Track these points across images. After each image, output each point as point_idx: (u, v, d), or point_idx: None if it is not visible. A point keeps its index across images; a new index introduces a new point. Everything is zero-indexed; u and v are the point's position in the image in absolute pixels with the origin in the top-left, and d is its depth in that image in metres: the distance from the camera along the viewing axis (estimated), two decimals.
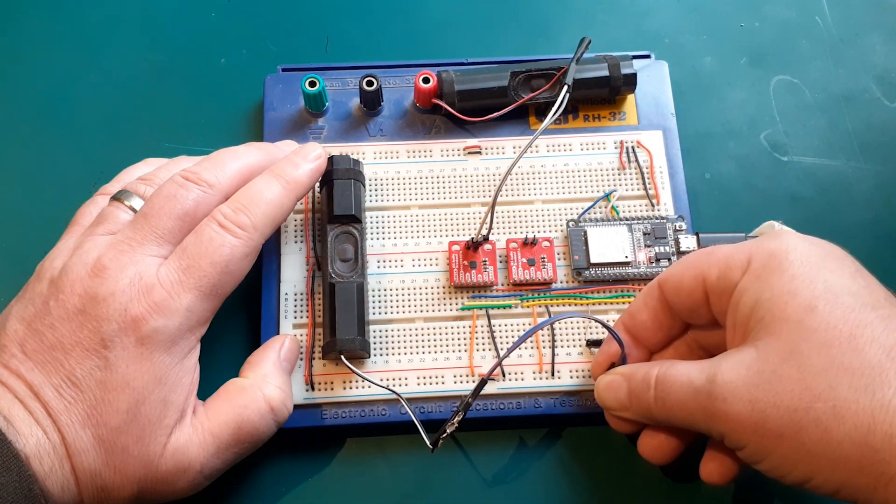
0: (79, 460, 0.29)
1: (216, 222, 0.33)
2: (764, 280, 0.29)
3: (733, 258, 0.31)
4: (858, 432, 0.26)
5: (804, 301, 0.28)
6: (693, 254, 0.33)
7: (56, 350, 0.30)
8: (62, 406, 0.29)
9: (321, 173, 0.37)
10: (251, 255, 0.33)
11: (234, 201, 0.33)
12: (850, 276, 0.29)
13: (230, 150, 0.36)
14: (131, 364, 0.30)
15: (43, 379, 0.30)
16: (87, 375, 0.30)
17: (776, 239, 0.30)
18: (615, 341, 0.33)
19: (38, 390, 0.29)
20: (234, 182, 0.34)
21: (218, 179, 0.34)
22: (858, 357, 0.27)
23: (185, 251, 0.32)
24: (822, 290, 0.28)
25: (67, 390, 0.30)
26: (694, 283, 0.32)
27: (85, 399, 0.30)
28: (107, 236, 0.32)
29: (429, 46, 0.45)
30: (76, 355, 0.30)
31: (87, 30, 0.45)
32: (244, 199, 0.33)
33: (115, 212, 0.34)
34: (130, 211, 0.34)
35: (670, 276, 0.33)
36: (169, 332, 0.31)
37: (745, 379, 0.28)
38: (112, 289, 0.30)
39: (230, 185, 0.34)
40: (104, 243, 0.32)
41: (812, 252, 0.30)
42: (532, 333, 0.32)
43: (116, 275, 0.31)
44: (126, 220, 0.33)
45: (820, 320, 0.28)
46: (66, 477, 0.29)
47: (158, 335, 0.31)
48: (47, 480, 0.29)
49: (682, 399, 0.30)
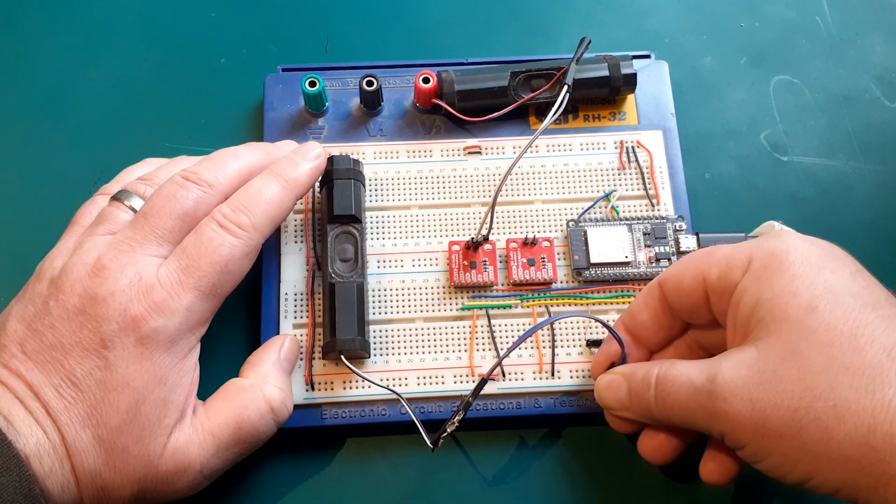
0: (79, 460, 0.29)
1: (216, 222, 0.33)
2: (764, 280, 0.29)
3: (734, 258, 0.31)
4: (859, 432, 0.26)
5: (805, 301, 0.28)
6: (693, 254, 0.33)
7: (56, 350, 0.30)
8: (62, 406, 0.29)
9: (321, 172, 0.37)
10: (251, 255, 0.33)
11: (234, 201, 0.33)
12: (850, 276, 0.29)
13: (230, 150, 0.36)
14: (131, 364, 0.30)
15: (43, 379, 0.30)
16: (86, 375, 0.30)
17: (777, 239, 0.30)
18: (615, 341, 0.33)
19: (37, 390, 0.29)
20: (234, 182, 0.34)
21: (218, 179, 0.34)
22: (859, 357, 0.27)
23: (184, 251, 0.32)
24: (823, 290, 0.28)
25: (67, 390, 0.30)
26: (694, 283, 0.32)
27: (85, 399, 0.30)
28: (107, 236, 0.32)
29: (429, 46, 0.45)
30: (76, 355, 0.30)
31: (87, 30, 0.45)
32: (244, 199, 0.33)
33: (115, 212, 0.34)
34: (130, 211, 0.34)
35: (670, 275, 0.33)
36: (169, 332, 0.31)
37: (746, 378, 0.28)
38: (112, 289, 0.30)
39: (230, 185, 0.34)
40: (104, 243, 0.32)
41: (813, 252, 0.30)
42: (532, 333, 0.32)
43: (116, 275, 0.31)
44: (126, 220, 0.33)
45: (820, 320, 0.28)
46: (66, 477, 0.29)
47: (158, 335, 0.31)
48: (47, 480, 0.29)
49: (683, 398, 0.30)
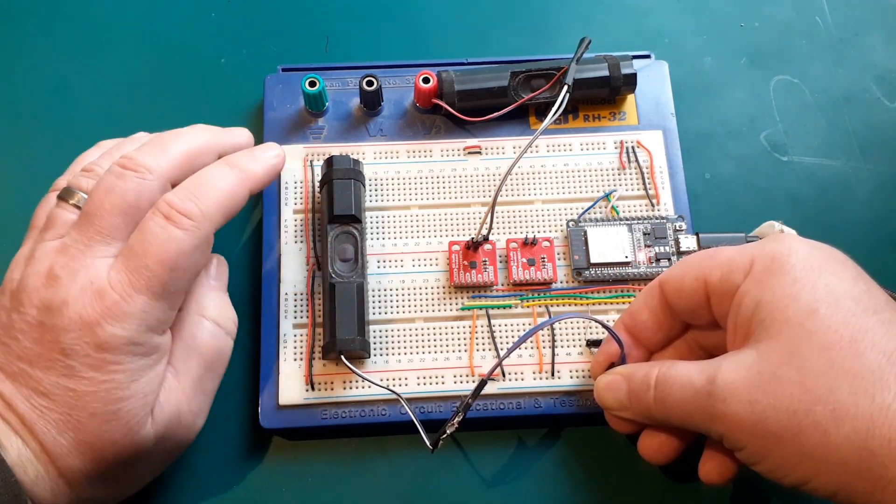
0: (63, 463, 0.29)
1: (161, 215, 0.31)
2: (765, 283, 0.29)
3: (735, 261, 0.31)
4: (857, 436, 0.26)
5: (805, 304, 0.28)
6: (695, 255, 0.33)
7: (22, 361, 0.30)
8: (35, 416, 0.29)
9: (278, 171, 0.36)
10: (203, 247, 0.32)
11: (183, 189, 0.32)
12: (851, 280, 0.29)
13: (173, 132, 0.34)
14: (96, 370, 0.29)
15: (14, 390, 0.29)
16: (54, 385, 0.29)
17: (779, 242, 0.30)
18: (615, 341, 0.33)
19: (10, 401, 0.29)
20: (178, 164, 0.33)
21: (158, 164, 0.32)
22: (858, 361, 0.27)
23: (131, 251, 0.30)
24: (824, 293, 0.28)
25: (38, 400, 0.29)
26: (695, 284, 0.32)
27: (57, 407, 0.29)
28: (55, 241, 0.31)
29: (429, 46, 0.45)
30: (41, 366, 0.29)
31: (87, 30, 0.45)
32: (193, 187, 0.32)
33: (60, 214, 0.33)
34: (75, 209, 0.33)
35: (671, 276, 0.33)
36: (127, 335, 0.30)
37: (746, 380, 0.28)
38: (65, 297, 0.30)
39: (172, 169, 0.32)
40: (54, 249, 0.31)
41: (814, 256, 0.30)
42: (531, 335, 0.32)
43: (69, 283, 0.30)
44: (72, 220, 0.32)
45: (821, 323, 0.28)
46: (55, 481, 0.29)
47: (117, 340, 0.29)
48: (35, 488, 0.29)
49: (682, 399, 0.30)
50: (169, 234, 0.30)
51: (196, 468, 0.36)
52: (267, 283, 0.38)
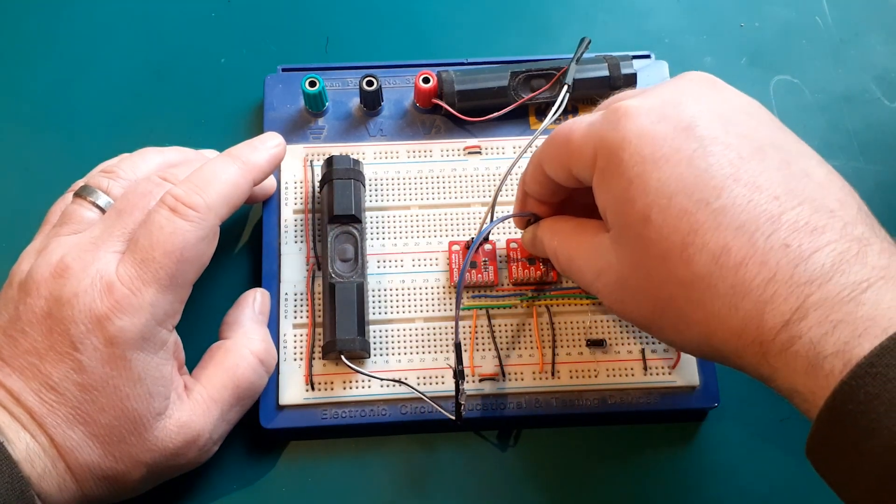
0: (73, 457, 0.29)
1: (166, 207, 0.31)
2: (605, 186, 0.29)
3: (582, 153, 0.29)
4: (701, 338, 0.27)
5: (639, 210, 0.27)
6: (556, 137, 0.31)
7: (31, 355, 0.30)
8: (45, 410, 0.29)
9: (280, 160, 0.36)
10: (209, 239, 0.32)
11: (187, 182, 0.32)
12: (687, 163, 0.27)
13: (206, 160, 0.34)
14: (105, 364, 0.30)
15: (22, 385, 0.29)
16: (63, 379, 0.29)
17: (615, 128, 0.28)
18: (524, 216, 0.35)
19: (18, 396, 0.29)
20: None
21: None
22: (689, 269, 0.26)
23: (137, 244, 0.31)
24: (656, 194, 0.27)
25: (47, 395, 0.29)
26: (563, 172, 0.31)
27: (66, 402, 0.29)
28: (72, 236, 0.32)
29: (429, 46, 0.45)
30: (50, 360, 0.29)
31: (87, 30, 0.45)
32: (197, 179, 0.32)
33: (78, 210, 0.33)
34: (93, 207, 0.33)
35: (543, 160, 0.32)
36: (137, 329, 0.30)
37: (613, 285, 0.30)
38: (75, 289, 0.30)
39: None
40: (68, 243, 0.31)
41: (646, 144, 0.27)
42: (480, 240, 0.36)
43: (79, 274, 0.30)
44: (90, 217, 0.33)
45: (654, 232, 0.27)
46: (62, 475, 0.29)
47: (126, 334, 0.30)
48: (42, 482, 0.29)
49: (578, 281, 0.32)
50: (175, 226, 0.31)
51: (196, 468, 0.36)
52: (267, 283, 0.38)
